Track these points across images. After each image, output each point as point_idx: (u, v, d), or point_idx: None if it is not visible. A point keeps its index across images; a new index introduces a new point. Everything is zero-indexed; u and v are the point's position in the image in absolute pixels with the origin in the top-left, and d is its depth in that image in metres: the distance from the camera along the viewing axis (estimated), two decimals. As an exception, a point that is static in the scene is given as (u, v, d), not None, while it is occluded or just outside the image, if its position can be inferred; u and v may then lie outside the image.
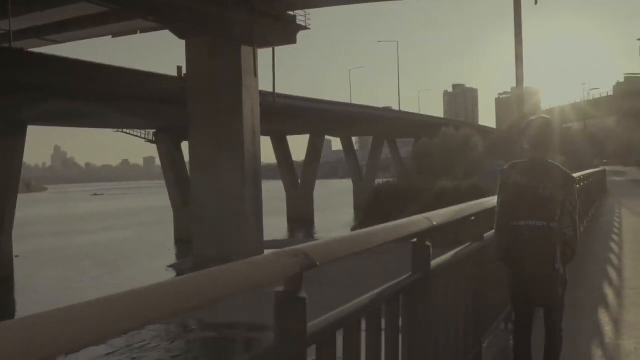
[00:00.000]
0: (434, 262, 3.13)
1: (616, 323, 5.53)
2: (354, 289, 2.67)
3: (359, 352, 2.25)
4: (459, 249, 3.77)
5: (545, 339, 3.97)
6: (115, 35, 44.11)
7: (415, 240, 3.01)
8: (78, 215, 79.03)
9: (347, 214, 62.69)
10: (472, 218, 4.07)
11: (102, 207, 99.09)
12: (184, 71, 36.40)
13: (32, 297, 26.65)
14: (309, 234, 49.18)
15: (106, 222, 65.29)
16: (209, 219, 31.06)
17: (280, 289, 1.80)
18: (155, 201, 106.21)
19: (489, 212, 4.24)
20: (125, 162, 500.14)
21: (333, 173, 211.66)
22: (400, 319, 2.75)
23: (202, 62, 30.74)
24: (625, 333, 5.19)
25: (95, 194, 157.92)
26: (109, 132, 56.56)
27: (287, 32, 35.66)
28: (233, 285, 1.59)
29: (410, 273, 2.94)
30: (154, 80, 35.32)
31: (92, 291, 24.95)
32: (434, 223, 3.08)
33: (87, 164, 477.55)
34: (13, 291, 30.05)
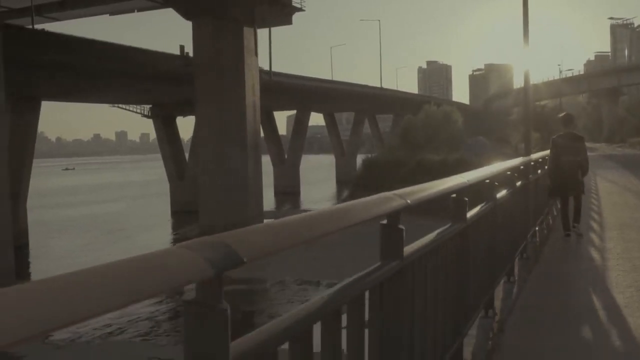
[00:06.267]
0: (408, 248, 2.66)
1: (601, 238, 8.90)
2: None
3: None
4: (437, 231, 3.27)
5: (573, 209, 8.93)
6: (112, 13, 45.70)
7: (385, 222, 2.52)
8: (59, 189, 78.99)
9: (331, 188, 65.10)
10: (454, 195, 3.63)
11: (80, 181, 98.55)
12: (186, 50, 38.44)
13: (51, 263, 28.01)
14: (296, 206, 51.54)
15: (91, 195, 65.26)
16: (213, 190, 33.14)
17: (191, 296, 1.37)
18: (133, 175, 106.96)
19: (473, 188, 4.02)
20: (97, 136, 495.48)
21: (309, 148, 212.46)
22: (367, 319, 2.28)
23: (207, 42, 32.57)
24: (607, 237, 8.97)
25: (66, 169, 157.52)
26: (79, 105, 58.25)
27: (284, 14, 37.70)
28: (114, 294, 1.08)
29: (380, 263, 2.43)
30: (159, 58, 37.19)
31: (107, 257, 26.65)
32: (408, 202, 2.60)
33: (58, 139, 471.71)
34: (28, 258, 31.44)
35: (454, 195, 3.62)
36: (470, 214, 3.78)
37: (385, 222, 2.52)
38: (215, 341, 1.34)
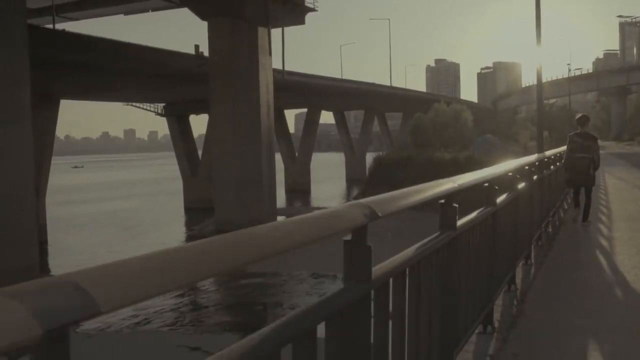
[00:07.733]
0: (458, 223, 3.32)
1: (609, 228, 9.53)
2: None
3: (405, 299, 2.50)
4: (476, 212, 4.00)
5: (585, 200, 10.01)
6: (127, 13, 46.48)
7: (443, 201, 3.19)
8: (71, 187, 78.95)
9: (341, 186, 65.35)
10: (486, 184, 4.33)
11: (90, 179, 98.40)
12: (200, 49, 39.13)
13: (71, 259, 28.31)
14: (307, 204, 51.91)
15: (103, 193, 65.81)
16: (228, 187, 33.69)
17: (348, 238, 1.96)
18: (143, 173, 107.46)
19: (501, 179, 4.92)
20: (106, 134, 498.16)
21: (317, 146, 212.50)
22: (433, 273, 2.88)
23: (223, 42, 33.11)
24: (615, 227, 9.76)
25: (75, 167, 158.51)
26: (88, 103, 58.60)
27: (297, 14, 38.31)
28: (307, 235, 1.66)
29: (439, 232, 3.11)
30: (175, 58, 37.88)
31: (127, 253, 26.98)
32: (459, 186, 3.29)
33: (67, 136, 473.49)
34: (47, 254, 31.65)
35: (486, 184, 4.34)
36: (498, 200, 4.56)
37: (443, 201, 3.20)
38: (363, 266, 1.98)
